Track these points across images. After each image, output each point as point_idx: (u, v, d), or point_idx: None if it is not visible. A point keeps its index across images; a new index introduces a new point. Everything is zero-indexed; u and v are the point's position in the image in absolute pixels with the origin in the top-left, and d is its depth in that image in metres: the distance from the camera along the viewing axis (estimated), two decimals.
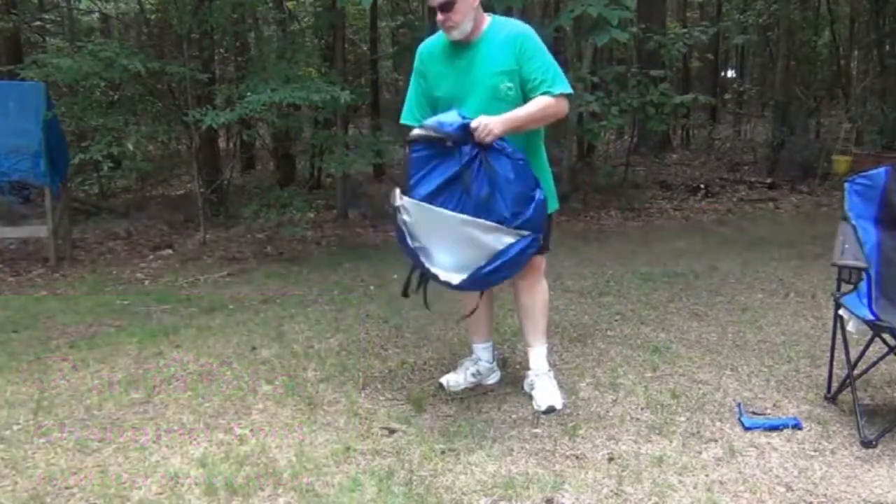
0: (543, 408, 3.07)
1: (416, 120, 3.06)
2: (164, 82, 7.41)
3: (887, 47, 12.49)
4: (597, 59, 9.57)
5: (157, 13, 9.13)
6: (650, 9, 11.02)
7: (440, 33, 3.04)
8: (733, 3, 15.64)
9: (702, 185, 9.48)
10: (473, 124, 2.77)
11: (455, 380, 3.31)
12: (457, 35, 2.94)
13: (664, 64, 9.29)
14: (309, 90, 5.90)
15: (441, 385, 3.30)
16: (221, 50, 9.25)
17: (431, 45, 3.11)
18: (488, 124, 2.77)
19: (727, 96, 16.44)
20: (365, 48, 12.05)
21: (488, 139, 2.77)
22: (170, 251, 6.69)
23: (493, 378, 3.39)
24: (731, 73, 19.04)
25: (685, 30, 10.10)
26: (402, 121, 3.17)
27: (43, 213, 6.12)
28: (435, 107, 3.05)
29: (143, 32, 9.43)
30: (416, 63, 3.13)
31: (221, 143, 10.04)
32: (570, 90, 2.93)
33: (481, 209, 2.81)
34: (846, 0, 14.33)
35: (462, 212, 2.82)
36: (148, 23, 9.22)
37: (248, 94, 6.03)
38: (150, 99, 7.71)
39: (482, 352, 3.36)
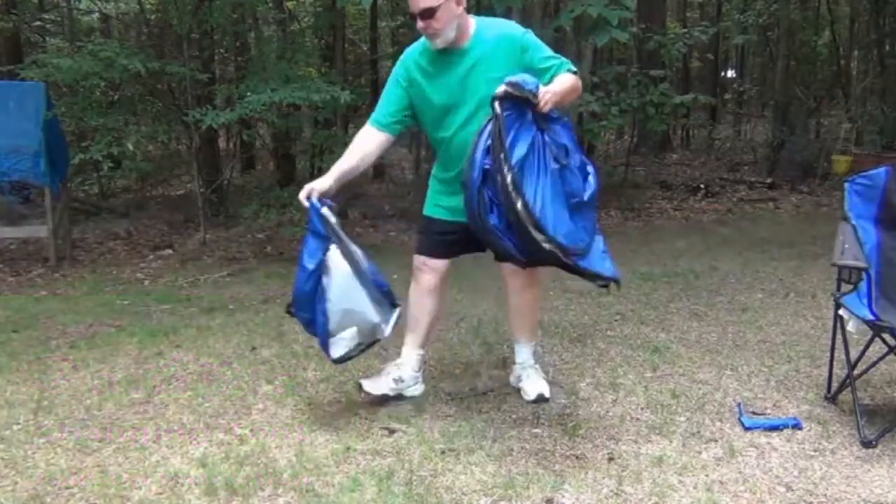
0: (533, 396, 3.07)
1: (381, 124, 2.97)
2: (164, 82, 7.41)
3: (887, 47, 12.48)
4: (597, 59, 9.57)
5: (157, 13, 9.12)
6: (650, 9, 11.01)
7: (423, 40, 2.91)
8: (733, 3, 15.63)
9: (702, 185, 9.47)
10: (541, 90, 2.66)
11: (373, 386, 3.10)
12: (439, 43, 2.82)
13: (664, 64, 9.30)
14: (309, 90, 5.90)
15: (360, 386, 3.12)
16: (221, 50, 9.24)
17: (417, 52, 2.94)
18: (555, 91, 2.68)
19: (727, 96, 16.43)
20: (365, 48, 12.04)
21: (547, 107, 2.67)
22: (170, 251, 6.69)
23: (416, 391, 3.19)
24: (731, 73, 19.01)
25: (685, 30, 10.12)
26: (370, 124, 3.01)
27: (43, 213, 6.11)
28: (422, 116, 2.97)
29: (143, 32, 9.42)
30: (400, 70, 2.96)
31: (221, 143, 10.03)
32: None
33: (566, 177, 2.70)
34: (846, 0, 14.32)
35: (544, 179, 2.63)
36: (148, 23, 9.21)
37: (248, 94, 6.03)
38: (150, 99, 7.71)
39: (412, 357, 3.19)
